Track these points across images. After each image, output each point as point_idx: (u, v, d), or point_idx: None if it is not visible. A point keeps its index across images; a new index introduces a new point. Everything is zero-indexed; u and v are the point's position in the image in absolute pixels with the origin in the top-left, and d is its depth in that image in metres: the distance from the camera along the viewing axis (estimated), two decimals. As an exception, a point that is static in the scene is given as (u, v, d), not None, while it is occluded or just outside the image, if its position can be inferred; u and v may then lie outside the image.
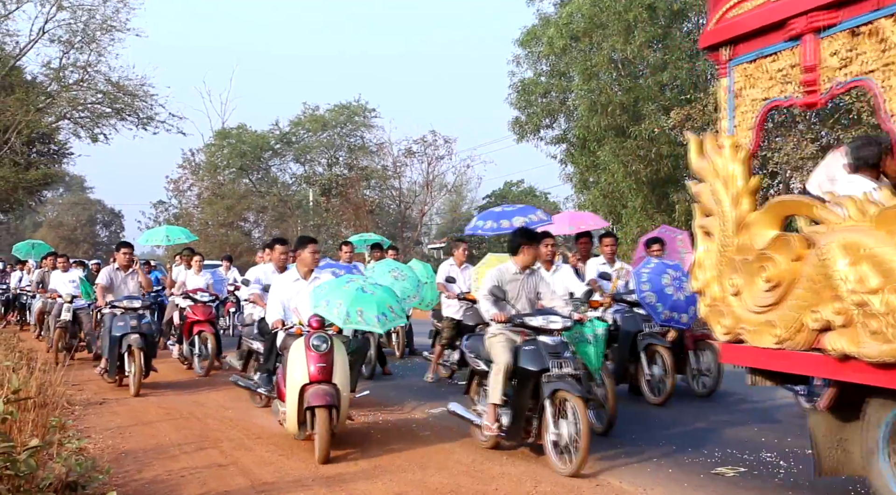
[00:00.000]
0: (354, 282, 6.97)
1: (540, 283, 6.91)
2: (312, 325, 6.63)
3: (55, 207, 68.67)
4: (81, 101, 28.54)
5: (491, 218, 10.07)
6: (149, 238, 17.34)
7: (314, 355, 6.42)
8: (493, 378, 6.31)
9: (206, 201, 39.42)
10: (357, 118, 38.41)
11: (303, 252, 7.52)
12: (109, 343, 9.89)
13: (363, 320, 6.55)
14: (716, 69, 5.62)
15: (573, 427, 5.78)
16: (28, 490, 4.13)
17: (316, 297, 6.76)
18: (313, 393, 6.30)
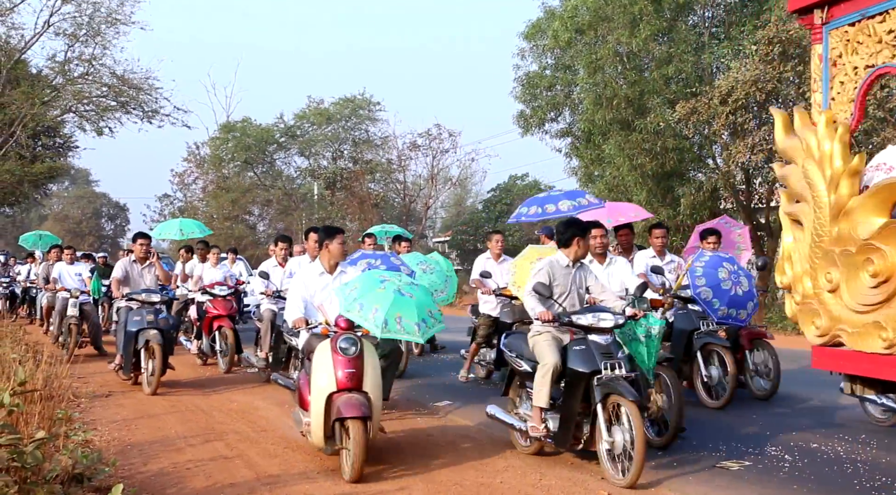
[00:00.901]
0: (390, 281, 6.16)
1: (589, 277, 6.42)
2: (340, 326, 5.93)
3: (61, 200, 68.82)
4: (86, 94, 28.54)
5: (535, 203, 9.09)
6: (162, 231, 16.89)
7: (342, 359, 5.74)
8: (540, 379, 5.88)
9: (210, 194, 39.46)
10: (362, 112, 38.38)
11: (330, 243, 6.79)
12: (125, 338, 9.43)
13: (402, 328, 5.83)
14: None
15: (628, 434, 5.37)
16: (34, 481, 4.15)
17: (346, 298, 6.00)
18: (345, 403, 5.58)
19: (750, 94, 17.10)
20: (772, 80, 16.84)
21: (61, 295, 12.93)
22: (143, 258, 9.98)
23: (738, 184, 20.73)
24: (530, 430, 6.02)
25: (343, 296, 6.06)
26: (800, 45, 16.47)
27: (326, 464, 6.09)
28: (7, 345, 9.41)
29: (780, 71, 16.67)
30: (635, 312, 6.14)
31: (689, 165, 21.74)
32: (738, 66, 17.68)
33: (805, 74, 16.56)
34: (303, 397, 6.25)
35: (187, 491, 5.41)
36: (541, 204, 8.97)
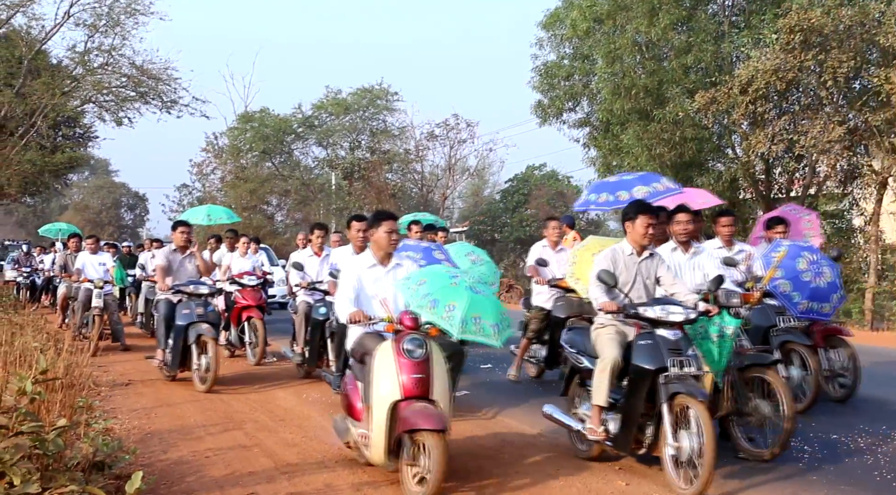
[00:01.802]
0: (459, 277, 5.60)
1: (660, 267, 5.88)
2: (405, 324, 5.20)
3: (80, 190, 69.34)
4: (106, 84, 28.67)
5: (606, 189, 8.07)
6: (189, 216, 16.14)
7: (408, 363, 5.03)
8: (598, 376, 5.43)
9: (229, 184, 39.59)
10: (379, 102, 38.34)
11: (376, 231, 5.96)
12: (174, 333, 8.96)
13: (480, 330, 5.26)
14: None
15: (696, 439, 4.92)
16: (56, 468, 4.19)
17: (415, 294, 5.40)
18: (418, 414, 4.86)
19: (770, 83, 16.95)
20: (792, 69, 16.67)
21: (84, 285, 12.45)
22: (183, 247, 9.45)
23: (758, 174, 20.61)
24: (588, 432, 5.58)
25: (409, 292, 5.46)
26: (821, 33, 16.30)
27: (345, 454, 6.11)
28: (29, 333, 9.49)
29: (800, 60, 16.51)
30: (709, 308, 5.59)
31: (709, 155, 21.61)
32: (759, 55, 17.51)
33: (826, 63, 16.40)
34: (351, 405, 5.55)
35: (206, 479, 5.45)
36: (612, 190, 7.96)
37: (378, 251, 5.97)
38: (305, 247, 10.70)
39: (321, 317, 9.03)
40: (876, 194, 18.33)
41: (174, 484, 5.31)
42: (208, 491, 5.16)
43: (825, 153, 17.35)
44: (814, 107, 18.15)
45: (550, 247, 9.41)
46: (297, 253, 13.71)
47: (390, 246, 5.94)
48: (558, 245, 9.46)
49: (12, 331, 9.10)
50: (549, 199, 48.91)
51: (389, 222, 5.93)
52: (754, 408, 5.89)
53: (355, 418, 5.51)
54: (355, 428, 5.49)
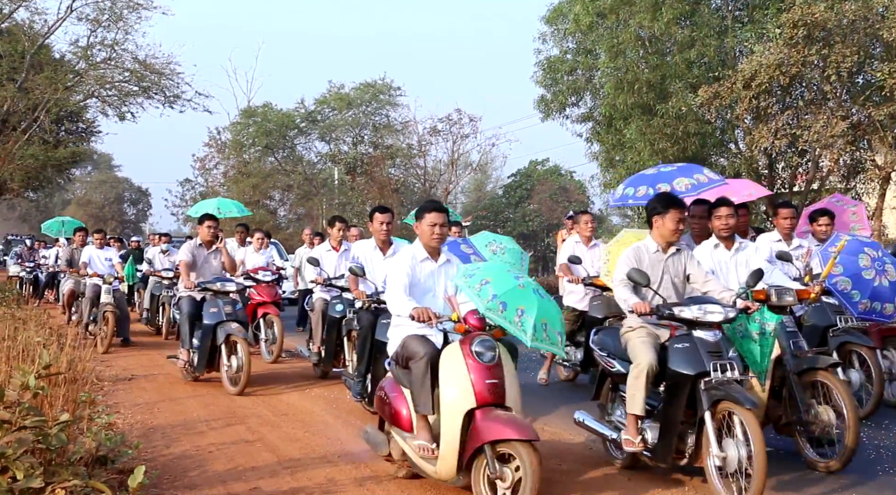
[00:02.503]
0: (522, 278, 5.06)
1: (689, 264, 5.53)
2: (473, 324, 4.78)
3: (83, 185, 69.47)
4: (109, 79, 28.70)
5: (644, 182, 7.45)
6: (198, 209, 15.91)
7: (480, 367, 4.59)
8: (633, 382, 5.08)
9: (231, 179, 39.60)
10: (382, 97, 38.31)
11: (420, 225, 5.46)
12: (202, 333, 8.57)
13: (548, 337, 4.81)
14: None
15: (743, 448, 4.60)
16: (59, 463, 4.20)
17: (482, 294, 4.84)
18: (502, 422, 4.43)
19: (773, 78, 16.89)
20: (796, 63, 16.61)
21: (93, 281, 12.16)
22: (209, 242, 9.03)
23: (761, 169, 20.57)
24: (624, 443, 5.19)
25: (473, 292, 4.92)
26: (825, 28, 16.25)
27: (347, 449, 6.12)
28: (32, 328, 9.51)
29: (804, 54, 16.45)
30: (748, 305, 5.25)
31: (712, 150, 21.56)
32: (762, 49, 17.46)
33: (830, 58, 16.35)
34: (396, 413, 5.05)
35: (209, 473, 5.46)
36: (651, 183, 7.34)
37: (427, 246, 5.45)
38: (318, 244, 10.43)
39: (338, 315, 8.61)
40: (879, 189, 18.28)
41: (177, 478, 5.32)
42: (211, 486, 5.17)
43: (828, 148, 17.30)
44: (817, 102, 18.10)
45: (583, 243, 8.97)
46: (304, 248, 13.67)
47: (433, 239, 5.39)
48: (591, 240, 9.02)
49: (15, 326, 9.11)
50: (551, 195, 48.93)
51: (433, 214, 5.41)
52: (815, 416, 5.49)
53: (403, 428, 4.99)
54: (408, 440, 4.93)
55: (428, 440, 4.77)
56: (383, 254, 7.69)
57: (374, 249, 7.75)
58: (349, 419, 7.24)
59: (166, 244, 14.52)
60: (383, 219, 7.65)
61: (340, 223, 9.71)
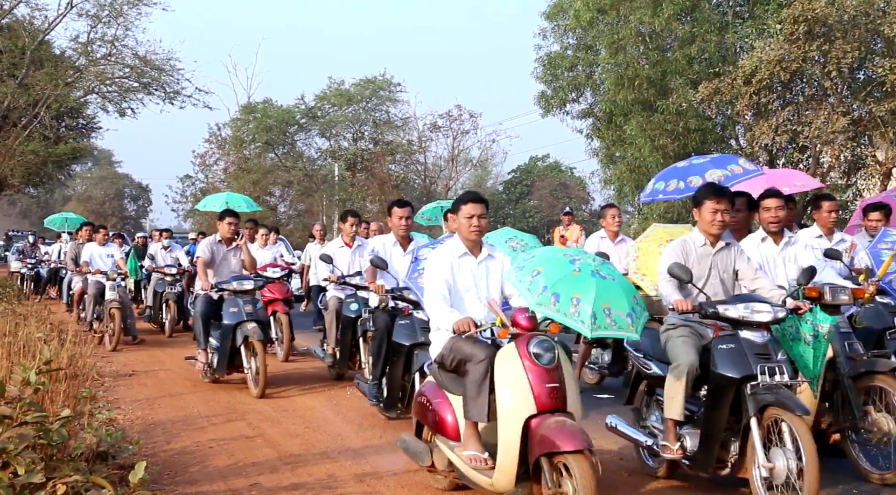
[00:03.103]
0: (580, 260, 4.58)
1: (738, 259, 5.18)
2: (522, 324, 4.36)
3: (84, 181, 69.50)
4: (109, 75, 28.65)
5: (675, 176, 6.99)
6: (207, 204, 15.81)
7: (539, 370, 4.22)
8: (672, 385, 4.77)
9: (232, 175, 39.59)
10: (382, 92, 38.31)
11: (457, 216, 5.08)
12: (221, 333, 8.19)
13: (613, 322, 4.34)
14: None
15: (792, 458, 4.24)
16: (60, 458, 4.21)
17: (532, 287, 4.45)
18: (556, 431, 4.05)
19: (774, 73, 16.89)
20: (796, 59, 16.61)
21: (95, 278, 12.03)
22: (229, 239, 8.67)
23: (762, 164, 20.57)
24: (662, 450, 4.85)
25: (524, 286, 4.52)
26: (825, 23, 16.24)
27: (348, 445, 6.13)
28: (32, 324, 9.51)
29: (804, 50, 16.45)
30: (799, 305, 4.86)
31: (712, 146, 21.54)
32: (763, 45, 17.46)
33: (830, 53, 16.34)
34: (441, 420, 4.70)
35: (210, 469, 5.47)
36: (682, 176, 6.88)
37: (466, 240, 5.04)
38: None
39: (352, 315, 8.28)
40: (880, 185, 18.28)
41: (177, 474, 5.33)
42: (212, 482, 5.18)
43: (829, 144, 17.30)
44: (818, 97, 18.10)
45: (609, 239, 8.63)
46: (314, 244, 13.37)
47: (472, 232, 4.98)
48: (618, 236, 8.69)
49: (16, 322, 9.12)
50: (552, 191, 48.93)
51: (469, 205, 4.98)
52: (873, 424, 5.11)
53: (449, 436, 4.65)
54: (455, 450, 4.57)
55: (479, 450, 4.42)
56: (403, 249, 7.37)
57: (393, 245, 7.40)
58: (349, 415, 7.25)
59: (168, 240, 14.44)
60: (402, 214, 7.33)
61: (353, 218, 9.32)
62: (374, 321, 7.20)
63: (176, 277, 13.27)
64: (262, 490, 5.02)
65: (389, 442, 6.18)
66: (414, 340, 6.39)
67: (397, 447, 5.23)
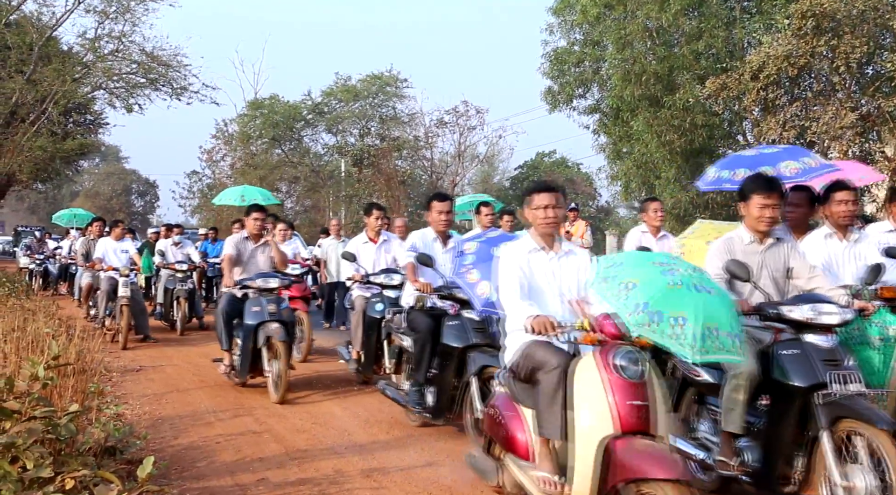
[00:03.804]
0: (677, 271, 3.85)
1: (792, 256, 4.77)
2: (607, 331, 3.80)
3: (91, 177, 69.68)
4: (116, 71, 28.71)
5: (743, 165, 6.41)
6: (223, 197, 15.70)
7: (623, 385, 3.67)
8: (730, 395, 4.33)
9: (238, 171, 39.62)
10: (389, 88, 38.28)
11: (529, 208, 4.53)
12: (243, 334, 7.80)
13: (720, 346, 3.61)
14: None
15: (870, 476, 3.82)
16: (68, 453, 4.22)
17: (625, 303, 3.74)
18: (645, 456, 3.49)
19: (782, 69, 16.83)
20: (804, 54, 16.54)
21: (108, 274, 11.78)
22: (256, 235, 8.28)
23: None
24: (717, 465, 4.41)
25: (618, 298, 3.80)
26: (834, 18, 16.17)
27: (355, 440, 6.14)
28: (41, 319, 9.54)
29: (812, 45, 16.38)
30: (865, 306, 4.48)
31: (719, 142, 21.51)
32: (770, 40, 17.39)
33: (839, 48, 16.27)
34: (511, 437, 4.18)
35: (217, 464, 5.48)
36: (751, 165, 6.29)
37: (542, 235, 4.51)
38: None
39: (377, 315, 7.83)
40: (889, 181, 18.21)
41: (185, 469, 5.35)
42: (219, 477, 5.19)
43: (837, 139, 17.23)
44: (826, 93, 18.03)
45: (651, 234, 8.19)
46: (331, 239, 13.06)
47: (547, 224, 4.43)
48: (660, 231, 8.19)
49: (24, 317, 9.15)
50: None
51: (541, 195, 4.45)
52: None
53: (520, 455, 4.13)
54: (526, 470, 4.08)
55: (551, 471, 3.91)
56: (444, 245, 6.93)
57: (433, 240, 6.91)
58: (356, 411, 7.26)
59: (178, 235, 14.20)
60: (442, 208, 6.84)
61: (378, 211, 8.75)
62: (411, 322, 6.52)
63: (187, 274, 13.00)
64: (269, 485, 5.03)
65: (396, 438, 6.20)
66: (466, 342, 5.90)
67: (406, 443, 5.23)
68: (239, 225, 12.94)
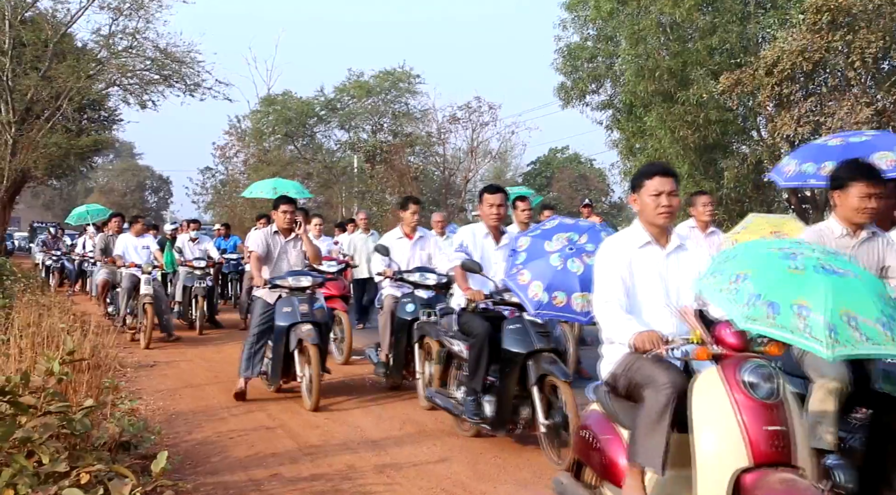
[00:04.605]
0: (800, 254, 3.25)
1: (888, 253, 4.28)
2: (727, 342, 3.27)
3: (105, 173, 69.99)
4: (130, 67, 28.79)
5: (830, 157, 5.55)
6: (253, 190, 15.07)
7: (754, 406, 3.08)
8: (818, 407, 3.90)
9: (252, 168, 39.65)
10: (401, 84, 38.24)
11: (640, 195, 3.85)
12: (274, 336, 7.30)
13: (863, 336, 2.93)
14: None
15: None
16: (83, 448, 4.25)
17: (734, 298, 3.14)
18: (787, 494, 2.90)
19: (796, 64, 16.73)
20: (819, 49, 16.44)
21: (129, 271, 11.40)
22: (286, 229, 7.71)
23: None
24: None
25: (726, 296, 3.19)
26: (849, 13, 16.06)
27: (367, 436, 6.15)
28: (56, 315, 9.60)
29: (828, 40, 16.28)
30: None
31: (733, 138, 21.41)
32: (785, 35, 17.30)
33: (854, 43, 16.16)
34: (611, 464, 3.63)
35: (230, 459, 5.51)
36: (837, 157, 5.40)
37: (649, 226, 3.87)
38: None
39: (408, 317, 7.43)
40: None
41: (199, 464, 5.38)
42: (232, 472, 5.22)
43: (852, 135, 17.12)
44: (841, 88, 17.91)
45: (700, 229, 7.57)
46: (358, 234, 12.64)
47: (660, 215, 3.79)
48: (709, 226, 7.60)
49: (39, 313, 9.21)
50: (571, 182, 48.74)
51: (656, 180, 3.80)
52: None
53: (616, 483, 3.59)
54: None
55: None
56: (496, 242, 6.27)
57: (485, 236, 6.28)
58: (369, 406, 7.27)
59: (195, 231, 13.74)
60: (494, 201, 6.23)
61: (415, 205, 8.27)
62: (464, 325, 5.96)
63: (205, 271, 12.58)
64: (282, 480, 5.05)
65: (409, 434, 6.21)
66: (529, 348, 5.41)
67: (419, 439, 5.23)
68: (264, 220, 12.45)
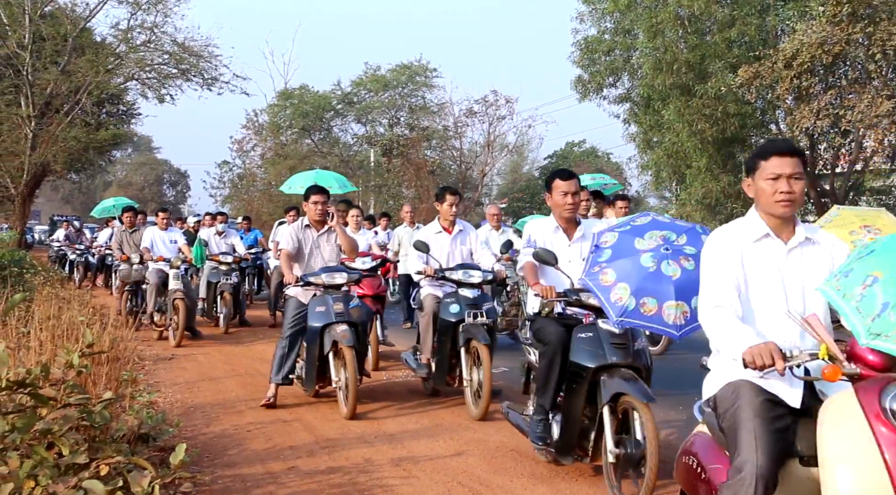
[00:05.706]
0: None
1: None
2: (866, 359, 2.77)
3: (124, 167, 70.44)
4: (149, 61, 28.92)
5: None
6: (292, 184, 14.52)
7: None
8: None
9: (269, 161, 39.79)
10: (418, 78, 38.23)
11: (754, 180, 3.21)
12: (307, 337, 6.82)
13: None
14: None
15: None
16: (103, 440, 4.28)
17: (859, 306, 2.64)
18: None
19: (816, 57, 16.60)
20: (839, 42, 16.30)
21: (157, 265, 10.98)
22: (319, 222, 7.15)
23: (803, 149, 20.27)
24: None
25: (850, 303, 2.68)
26: (870, 4, 15.90)
27: (384, 429, 6.17)
28: (75, 308, 9.67)
29: (848, 32, 16.13)
30: None
31: (752, 131, 21.28)
32: (804, 27, 17.16)
33: (875, 35, 16.00)
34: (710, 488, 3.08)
35: (248, 452, 5.54)
36: None
37: (767, 216, 3.22)
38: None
39: (452, 319, 6.84)
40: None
41: (216, 456, 5.41)
42: (250, 464, 5.25)
43: (872, 128, 16.97)
44: (861, 80, 17.76)
45: None
46: (403, 228, 11.95)
47: (779, 203, 3.13)
48: None
49: (59, 306, 9.28)
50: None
51: (776, 160, 3.14)
52: None
53: None
54: None
55: None
56: (569, 237, 5.40)
57: (555, 231, 5.40)
58: (386, 399, 7.28)
59: (222, 224, 13.07)
60: (566, 188, 5.27)
61: (452, 196, 7.55)
62: (537, 332, 5.15)
63: (231, 266, 12.03)
64: (299, 473, 5.07)
65: (426, 427, 6.22)
66: (600, 361, 4.60)
67: (435, 432, 5.23)
68: (294, 212, 12.03)
